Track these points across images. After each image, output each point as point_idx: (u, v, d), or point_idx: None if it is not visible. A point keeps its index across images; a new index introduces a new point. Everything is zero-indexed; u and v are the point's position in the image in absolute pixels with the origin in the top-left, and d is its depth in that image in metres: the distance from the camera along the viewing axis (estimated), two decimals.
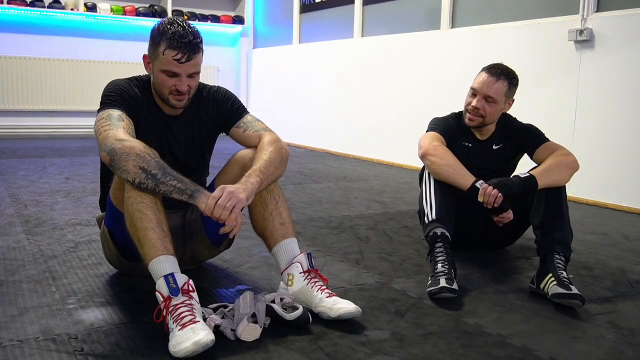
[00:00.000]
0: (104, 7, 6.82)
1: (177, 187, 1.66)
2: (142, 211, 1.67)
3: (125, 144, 1.67)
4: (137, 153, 1.65)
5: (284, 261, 1.87)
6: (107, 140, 1.69)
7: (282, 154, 1.90)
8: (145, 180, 1.65)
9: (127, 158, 1.65)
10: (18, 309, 1.81)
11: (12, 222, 2.90)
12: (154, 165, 1.66)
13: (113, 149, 1.67)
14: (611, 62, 3.68)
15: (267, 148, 1.89)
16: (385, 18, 5.63)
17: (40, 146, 5.97)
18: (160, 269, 1.62)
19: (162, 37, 1.82)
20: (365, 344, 1.64)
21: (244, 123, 2.02)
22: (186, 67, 1.82)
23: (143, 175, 1.65)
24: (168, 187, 1.66)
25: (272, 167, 1.85)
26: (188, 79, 1.85)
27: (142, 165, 1.65)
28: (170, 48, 1.80)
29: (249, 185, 1.74)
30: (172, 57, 1.80)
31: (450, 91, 4.65)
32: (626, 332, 1.79)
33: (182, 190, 1.67)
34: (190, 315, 1.54)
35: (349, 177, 4.72)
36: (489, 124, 2.44)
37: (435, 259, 2.11)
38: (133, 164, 1.64)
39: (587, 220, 3.35)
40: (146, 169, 1.65)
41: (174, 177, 1.67)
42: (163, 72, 1.84)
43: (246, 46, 7.82)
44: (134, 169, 1.64)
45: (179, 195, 1.67)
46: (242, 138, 2.02)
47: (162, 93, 1.89)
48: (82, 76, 6.84)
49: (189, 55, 1.81)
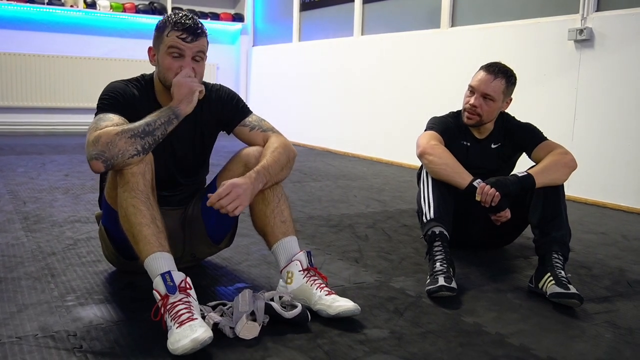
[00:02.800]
0: (104, 4, 6.80)
1: (163, 122, 1.75)
2: (135, 206, 1.67)
3: (101, 135, 1.69)
4: (115, 134, 1.68)
5: (284, 259, 1.87)
6: (90, 147, 1.70)
7: (289, 155, 1.92)
8: (143, 142, 1.70)
9: (113, 143, 1.67)
10: (17, 306, 1.81)
11: (11, 219, 2.90)
12: (134, 128, 1.70)
13: (94, 148, 1.67)
14: (611, 61, 3.69)
15: (276, 148, 1.91)
16: (385, 16, 5.63)
17: (39, 143, 5.96)
18: (156, 266, 1.62)
19: (166, 23, 1.86)
20: (364, 343, 1.64)
21: (250, 122, 2.02)
22: (191, 46, 1.84)
23: (138, 140, 1.69)
24: (160, 128, 1.74)
25: (278, 168, 1.87)
26: (194, 63, 1.86)
27: (129, 135, 1.68)
28: (175, 29, 1.83)
29: (255, 184, 1.77)
30: (177, 36, 1.83)
31: (449, 90, 4.65)
32: (624, 331, 1.79)
33: (170, 121, 1.76)
34: (188, 313, 1.54)
35: (348, 175, 4.72)
36: (486, 122, 2.45)
37: (433, 257, 2.12)
38: (121, 143, 1.67)
39: (586, 220, 3.35)
40: (135, 133, 1.69)
41: (154, 119, 1.74)
42: (168, 55, 1.85)
43: (246, 44, 7.81)
44: (126, 145, 1.67)
45: (170, 126, 1.76)
46: (249, 137, 2.02)
47: (167, 79, 1.87)
48: (81, 73, 6.83)
49: (193, 36, 1.83)
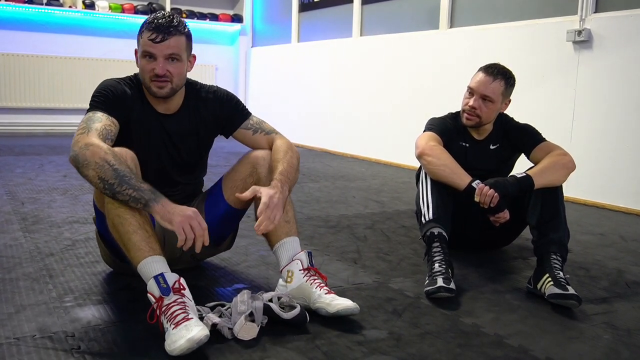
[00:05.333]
0: (102, 4, 6.80)
1: (132, 196, 1.63)
2: (121, 215, 1.66)
3: (89, 149, 1.65)
4: (96, 161, 1.63)
5: (285, 258, 1.87)
6: (75, 146, 1.68)
7: (298, 157, 1.96)
8: (103, 190, 1.65)
9: (88, 166, 1.64)
10: (15, 307, 1.81)
11: (9, 220, 2.90)
12: (110, 174, 1.63)
13: (77, 155, 1.66)
14: (609, 62, 3.69)
15: (287, 152, 1.93)
16: (384, 17, 5.63)
17: (37, 144, 5.96)
18: (149, 270, 1.62)
19: (143, 24, 1.87)
20: (363, 343, 1.64)
21: (252, 125, 2.03)
22: (161, 47, 1.83)
23: (101, 185, 1.64)
24: (124, 196, 1.63)
25: (293, 173, 1.89)
26: (166, 63, 1.85)
27: (100, 174, 1.63)
28: (147, 30, 1.85)
29: (285, 193, 1.80)
30: (147, 38, 1.84)
31: (448, 91, 4.65)
32: (623, 332, 1.79)
33: (137, 200, 1.63)
34: (183, 313, 1.54)
35: (346, 176, 4.72)
36: (485, 123, 2.45)
37: (432, 258, 2.12)
38: (93, 172, 1.64)
39: (584, 221, 3.36)
40: (103, 178, 1.63)
41: (131, 185, 1.63)
42: (142, 57, 1.87)
43: (245, 45, 7.81)
44: (94, 179, 1.64)
45: (135, 204, 1.63)
46: (252, 140, 2.03)
47: (144, 80, 1.89)
48: (79, 74, 6.82)
49: (163, 36, 1.83)
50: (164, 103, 1.95)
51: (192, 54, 1.96)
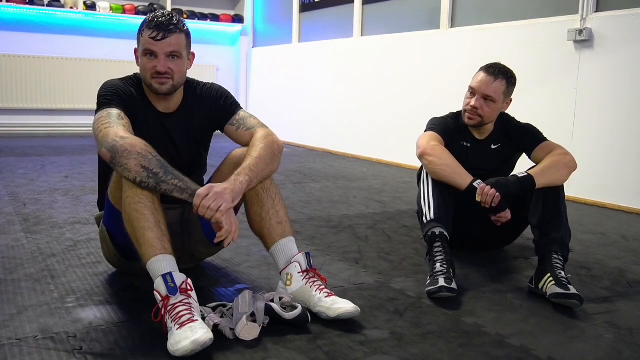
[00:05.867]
0: (104, 5, 6.81)
1: (178, 186, 1.67)
2: (139, 211, 1.67)
3: (126, 141, 1.67)
4: (138, 151, 1.66)
5: (283, 261, 1.87)
6: (108, 138, 1.70)
7: (273, 149, 1.88)
8: (146, 179, 1.65)
9: (129, 156, 1.65)
10: (17, 308, 1.81)
11: (11, 221, 2.90)
12: (155, 164, 1.66)
13: (114, 146, 1.67)
14: (610, 62, 3.69)
15: (258, 145, 1.87)
16: (384, 17, 5.63)
17: (39, 145, 5.96)
18: (158, 268, 1.62)
19: (143, 23, 1.89)
20: (364, 344, 1.64)
21: (237, 120, 2.01)
22: (162, 45, 1.85)
23: (145, 174, 1.65)
24: (169, 185, 1.66)
25: (263, 165, 1.82)
26: (168, 61, 1.86)
27: (144, 163, 1.65)
28: (147, 28, 1.86)
29: (237, 185, 1.72)
30: (148, 36, 1.85)
31: (449, 91, 4.65)
32: (624, 332, 1.79)
33: (183, 190, 1.67)
34: (188, 314, 1.54)
35: (348, 176, 4.72)
36: (487, 123, 2.45)
37: (433, 258, 2.11)
38: (135, 162, 1.65)
39: (586, 220, 3.35)
40: (148, 167, 1.65)
41: (175, 175, 1.67)
42: (144, 55, 1.88)
43: (246, 45, 7.81)
44: (136, 167, 1.65)
45: (180, 194, 1.67)
46: (236, 136, 2.02)
47: (146, 78, 1.90)
48: (81, 75, 6.83)
49: (164, 33, 1.84)
50: (164, 102, 1.96)
51: (191, 52, 1.97)
